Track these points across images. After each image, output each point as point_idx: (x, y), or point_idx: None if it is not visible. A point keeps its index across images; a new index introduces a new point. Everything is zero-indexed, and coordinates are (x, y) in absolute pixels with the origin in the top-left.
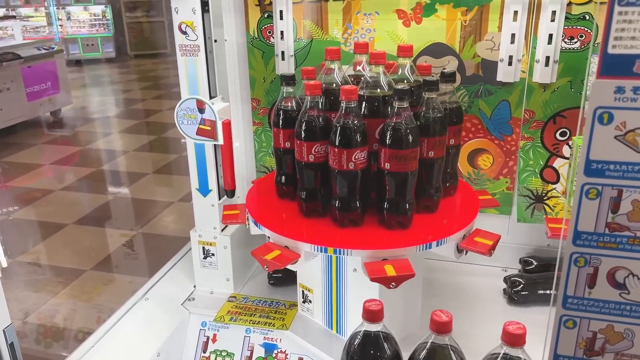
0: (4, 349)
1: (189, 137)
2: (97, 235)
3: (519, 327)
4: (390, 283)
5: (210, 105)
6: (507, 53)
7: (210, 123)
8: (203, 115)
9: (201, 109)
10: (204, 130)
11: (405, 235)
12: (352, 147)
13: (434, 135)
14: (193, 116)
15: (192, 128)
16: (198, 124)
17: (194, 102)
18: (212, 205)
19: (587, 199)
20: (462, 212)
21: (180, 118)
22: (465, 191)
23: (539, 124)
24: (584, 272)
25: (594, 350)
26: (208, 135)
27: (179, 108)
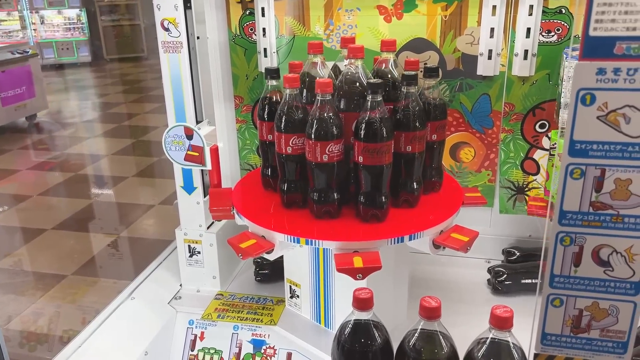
0: None
1: (177, 163)
2: (77, 239)
3: (506, 311)
4: (357, 274)
5: (197, 132)
6: (487, 47)
7: (198, 149)
8: (191, 142)
9: (189, 136)
10: (192, 156)
11: (378, 228)
12: (327, 139)
13: (412, 130)
14: (181, 142)
15: (180, 154)
16: (186, 150)
17: (181, 129)
18: (197, 203)
19: (571, 179)
20: (443, 208)
21: (168, 145)
22: (451, 187)
23: (519, 117)
24: (569, 251)
25: (581, 328)
26: (196, 161)
27: (167, 135)
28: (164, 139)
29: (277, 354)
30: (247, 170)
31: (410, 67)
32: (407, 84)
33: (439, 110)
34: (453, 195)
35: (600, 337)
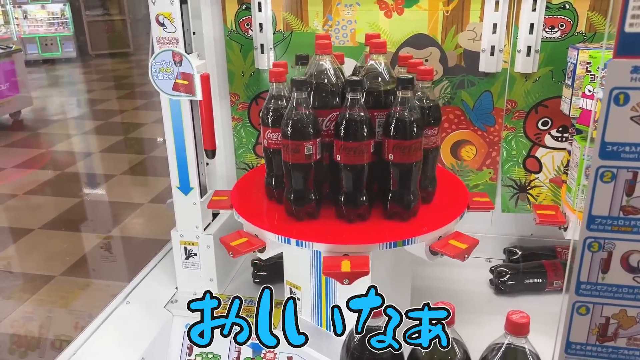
0: None
1: (164, 93)
2: (65, 239)
3: (522, 316)
4: (344, 279)
5: (187, 58)
6: (489, 43)
7: (188, 77)
8: (180, 69)
9: (178, 62)
10: (181, 85)
11: (371, 232)
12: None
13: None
14: (169, 70)
15: (168, 83)
16: (174, 78)
17: (169, 55)
18: (193, 204)
19: (601, 183)
20: (444, 212)
21: (155, 72)
22: (456, 190)
23: (521, 114)
24: (597, 257)
25: (607, 336)
26: (185, 90)
27: (154, 61)
28: (150, 65)
29: (277, 358)
30: (243, 169)
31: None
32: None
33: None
34: (457, 200)
35: (627, 345)
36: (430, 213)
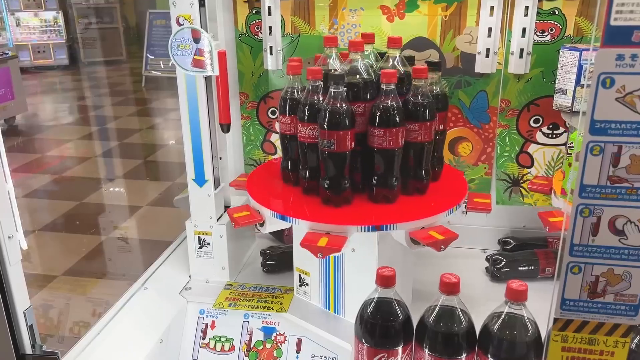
0: (24, 330)
1: (183, 69)
2: (63, 241)
3: (521, 284)
4: (318, 253)
5: (206, 35)
6: (485, 46)
7: (206, 53)
8: (198, 45)
9: (196, 39)
10: (199, 60)
11: (354, 215)
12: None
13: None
14: (188, 46)
15: (187, 59)
16: (193, 54)
17: (188, 32)
18: (208, 195)
19: (591, 155)
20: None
21: (175, 49)
22: (456, 190)
23: (514, 112)
24: (588, 221)
25: (597, 293)
26: (203, 66)
27: (173, 39)
28: (170, 43)
29: (288, 341)
30: (251, 165)
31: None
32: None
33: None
34: (453, 196)
35: (614, 301)
36: (422, 203)
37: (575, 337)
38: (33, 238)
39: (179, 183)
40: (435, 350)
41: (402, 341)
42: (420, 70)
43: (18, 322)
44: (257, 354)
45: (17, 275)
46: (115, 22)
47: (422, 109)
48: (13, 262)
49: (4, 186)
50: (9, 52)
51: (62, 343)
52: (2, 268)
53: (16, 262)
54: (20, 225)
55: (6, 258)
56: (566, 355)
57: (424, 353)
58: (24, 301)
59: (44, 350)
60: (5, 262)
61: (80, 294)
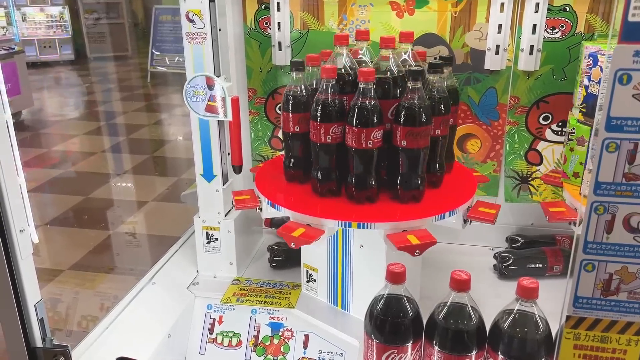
0: (34, 323)
1: (197, 114)
2: (69, 236)
3: (532, 282)
4: (291, 242)
5: (219, 82)
6: (494, 42)
7: (220, 100)
8: (212, 92)
9: (210, 86)
10: (212, 106)
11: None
12: (370, 126)
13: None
14: (202, 93)
15: (201, 105)
16: (207, 100)
17: (203, 79)
18: (216, 191)
19: (607, 152)
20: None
21: (189, 95)
22: (455, 195)
23: (524, 110)
24: (602, 219)
25: (610, 291)
26: (217, 111)
27: (188, 85)
28: (185, 89)
29: (295, 336)
30: (259, 161)
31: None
32: (434, 72)
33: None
34: (446, 201)
35: (628, 299)
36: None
37: (588, 335)
38: (40, 232)
39: (185, 179)
40: (445, 347)
41: (411, 338)
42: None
43: (29, 316)
44: (264, 349)
45: (28, 268)
46: (121, 17)
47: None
48: (24, 255)
49: (15, 180)
50: (16, 46)
51: (70, 337)
52: (13, 261)
53: (27, 256)
54: (31, 219)
55: (18, 251)
56: (578, 353)
57: (433, 350)
58: (35, 295)
59: (55, 343)
60: (16, 256)
61: (88, 288)
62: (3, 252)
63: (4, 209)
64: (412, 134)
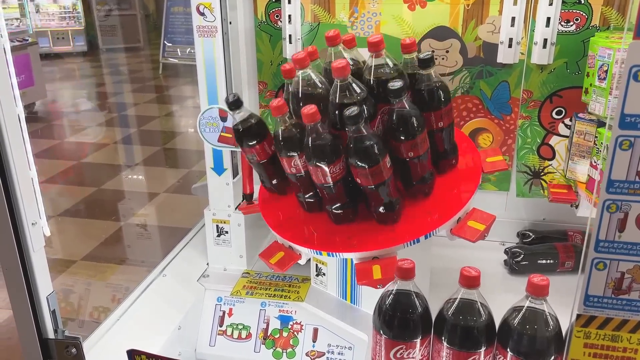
0: (46, 315)
1: (211, 145)
2: (82, 226)
3: (542, 279)
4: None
5: (232, 114)
6: (507, 36)
7: (232, 131)
8: (225, 124)
9: (223, 118)
10: (225, 137)
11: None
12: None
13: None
14: (215, 124)
15: (214, 136)
16: (220, 131)
17: (216, 111)
18: (226, 184)
19: (620, 150)
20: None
21: (203, 126)
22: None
23: (537, 104)
24: (615, 217)
25: (622, 290)
26: (229, 142)
27: (202, 117)
28: (198, 120)
29: (304, 330)
30: None
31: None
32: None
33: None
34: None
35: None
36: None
37: (599, 333)
38: (52, 223)
39: (196, 171)
40: (454, 344)
41: (420, 333)
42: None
43: (41, 308)
44: (273, 342)
45: (40, 261)
46: (133, 9)
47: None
48: (36, 248)
49: (27, 174)
50: (29, 38)
51: (82, 327)
52: (25, 254)
53: (39, 248)
54: (43, 212)
55: (30, 244)
56: (588, 352)
57: (442, 346)
58: (47, 287)
59: (66, 335)
60: (28, 248)
61: (99, 279)
62: (15, 245)
63: (16, 202)
64: (363, 175)
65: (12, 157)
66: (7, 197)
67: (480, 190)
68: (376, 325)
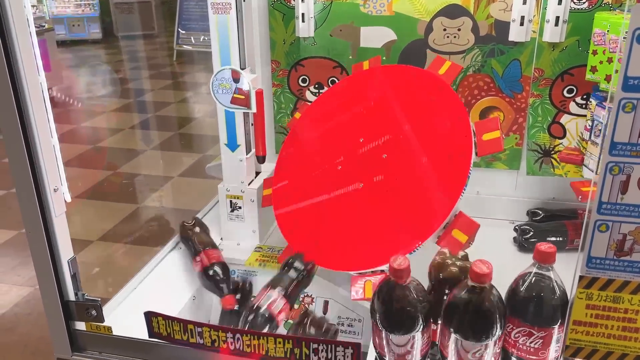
0: (68, 278)
1: (223, 106)
2: (98, 209)
3: (550, 247)
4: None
5: (244, 75)
6: (519, 14)
7: (244, 92)
8: (237, 85)
9: (236, 79)
10: (238, 99)
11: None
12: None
13: None
14: (228, 85)
15: (227, 97)
16: (232, 93)
17: (229, 72)
18: (240, 160)
19: (623, 113)
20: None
21: (215, 87)
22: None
23: (548, 82)
24: (617, 179)
25: (623, 251)
26: (242, 103)
27: (214, 78)
28: (211, 81)
29: (315, 302)
30: (281, 133)
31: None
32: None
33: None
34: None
35: None
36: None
37: (600, 295)
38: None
39: (210, 155)
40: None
41: (422, 324)
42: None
43: (63, 271)
44: None
45: (61, 226)
46: None
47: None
48: (58, 213)
49: (49, 141)
50: (46, 24)
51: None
52: (48, 219)
53: (61, 214)
54: (64, 179)
55: (52, 209)
56: (590, 313)
57: (450, 334)
58: (68, 251)
59: (86, 297)
60: (51, 213)
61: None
62: (39, 210)
63: (39, 168)
64: None
65: (36, 125)
66: (31, 164)
67: (490, 169)
68: (374, 318)
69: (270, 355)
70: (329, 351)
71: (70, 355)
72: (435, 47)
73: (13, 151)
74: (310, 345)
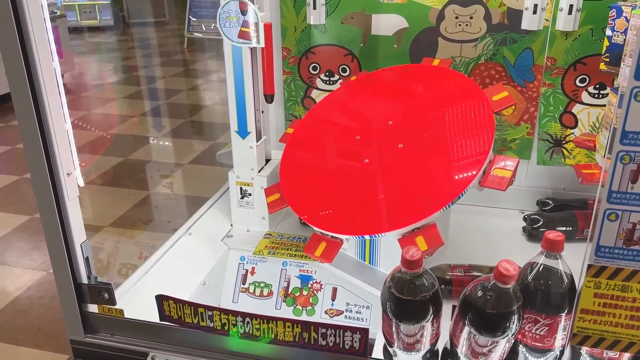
0: (80, 262)
1: (230, 41)
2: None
3: (558, 235)
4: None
5: (252, 7)
6: (532, 2)
7: (253, 25)
8: (245, 18)
9: (243, 11)
10: (245, 32)
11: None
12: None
13: None
14: (235, 18)
15: (234, 31)
16: (240, 26)
17: (236, 4)
18: (250, 147)
19: (635, 101)
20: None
21: (222, 21)
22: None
23: (560, 71)
24: (628, 168)
25: (633, 240)
26: (250, 37)
27: (221, 10)
28: (218, 14)
29: (324, 289)
30: (291, 121)
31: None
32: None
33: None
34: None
35: None
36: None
37: (609, 283)
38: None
39: (221, 142)
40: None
41: (432, 315)
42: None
43: (76, 254)
44: (294, 300)
45: (74, 210)
46: None
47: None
48: (71, 197)
49: (63, 126)
50: (58, 11)
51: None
52: (61, 203)
53: (74, 198)
54: (77, 163)
55: (65, 193)
56: (598, 302)
57: (463, 326)
58: (81, 235)
59: (99, 280)
60: (64, 197)
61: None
62: (52, 194)
63: (53, 153)
64: None
65: (50, 110)
66: (45, 148)
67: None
68: (384, 307)
69: (279, 339)
70: (337, 336)
71: (83, 337)
72: (447, 35)
73: (28, 136)
74: (318, 330)
